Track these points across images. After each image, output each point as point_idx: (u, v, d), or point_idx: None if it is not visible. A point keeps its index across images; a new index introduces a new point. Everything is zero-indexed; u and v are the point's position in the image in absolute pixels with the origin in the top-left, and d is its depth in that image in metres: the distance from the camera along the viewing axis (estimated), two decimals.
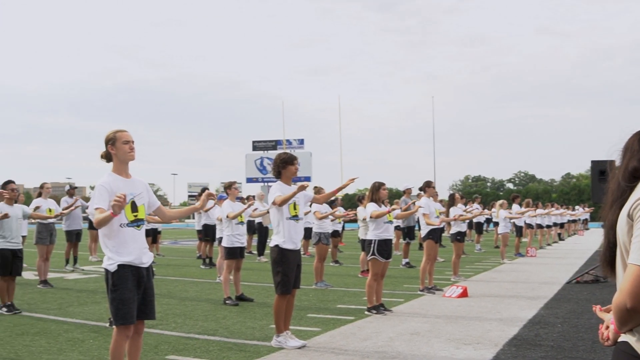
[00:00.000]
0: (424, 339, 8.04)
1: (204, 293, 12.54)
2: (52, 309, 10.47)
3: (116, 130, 5.62)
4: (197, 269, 18.02)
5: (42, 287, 13.21)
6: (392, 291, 12.42)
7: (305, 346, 7.61)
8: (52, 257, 14.22)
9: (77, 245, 17.39)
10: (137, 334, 5.58)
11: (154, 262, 5.61)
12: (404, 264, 18.43)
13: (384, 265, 10.24)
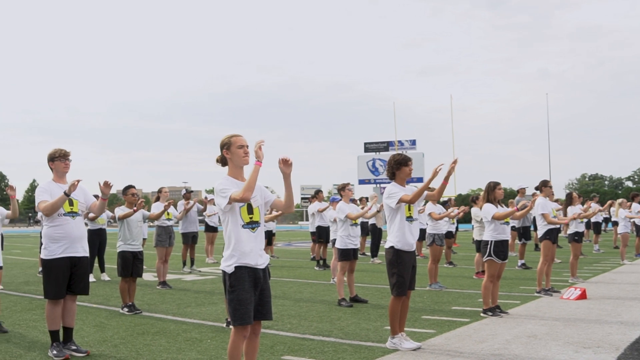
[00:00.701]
0: (542, 342, 7.81)
1: (318, 294, 12.58)
2: (171, 309, 10.71)
3: (231, 135, 5.68)
4: (311, 270, 18.11)
5: (161, 288, 13.54)
6: (508, 293, 12.15)
7: (420, 348, 7.52)
8: (170, 259, 14.55)
9: (194, 248, 17.79)
10: (254, 334, 5.62)
11: (269, 264, 5.64)
12: (519, 265, 18.00)
13: (501, 267, 10.02)
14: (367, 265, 19.50)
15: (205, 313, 10.27)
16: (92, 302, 11.35)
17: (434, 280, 13.38)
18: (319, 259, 18.79)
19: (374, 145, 67.89)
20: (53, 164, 7.58)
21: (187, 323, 9.39)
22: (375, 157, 67.18)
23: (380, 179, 65.12)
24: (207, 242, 21.32)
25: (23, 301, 11.83)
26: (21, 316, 10.07)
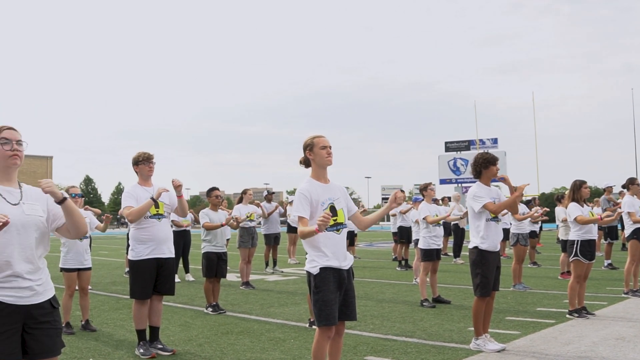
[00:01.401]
0: (630, 345, 7.59)
1: (400, 295, 12.51)
2: (254, 309, 10.81)
3: (314, 136, 5.68)
4: (393, 271, 18.03)
5: (245, 289, 13.67)
6: (594, 294, 11.86)
7: (505, 350, 7.40)
8: (253, 260, 14.69)
9: (277, 249, 17.92)
10: (338, 334, 5.61)
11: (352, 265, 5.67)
12: (606, 265, 17.57)
13: (587, 267, 9.79)
14: (450, 265, 19.31)
15: (288, 313, 10.32)
16: (177, 302, 11.53)
17: (518, 281, 13.16)
18: (401, 260, 18.70)
19: (455, 144, 67.25)
20: (138, 168, 7.72)
21: (270, 323, 9.46)
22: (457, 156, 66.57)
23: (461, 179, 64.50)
24: (289, 243, 21.46)
25: (110, 301, 12.11)
26: (109, 315, 10.30)
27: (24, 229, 3.72)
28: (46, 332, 3.79)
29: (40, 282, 3.81)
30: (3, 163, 3.89)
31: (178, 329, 9.01)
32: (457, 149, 67.15)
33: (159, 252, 7.47)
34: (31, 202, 3.89)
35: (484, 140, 64.97)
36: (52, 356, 3.83)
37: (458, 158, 66.36)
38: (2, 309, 3.64)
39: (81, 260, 9.00)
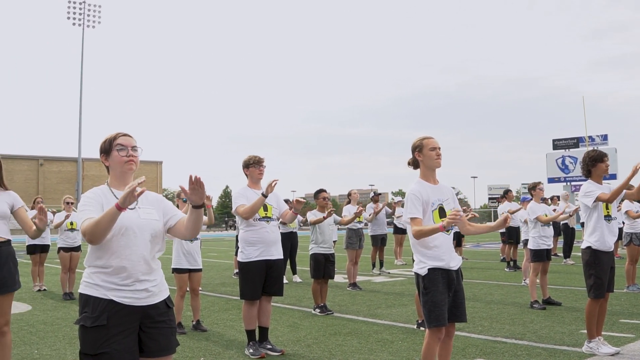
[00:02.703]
0: None
1: (509, 296, 12.31)
2: (362, 310, 10.82)
3: (423, 137, 5.65)
4: (501, 271, 17.75)
5: (352, 290, 13.71)
6: None
7: (619, 353, 7.19)
8: (360, 261, 14.70)
9: (383, 250, 17.91)
10: (448, 336, 5.56)
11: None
12: None
13: None
14: (560, 266, 18.87)
15: (396, 314, 10.30)
16: (286, 303, 11.66)
17: (632, 282, 12.75)
18: (509, 260, 18.39)
19: (563, 142, 65.63)
20: (248, 171, 7.85)
21: (378, 324, 9.45)
22: (565, 154, 64.95)
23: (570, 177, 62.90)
24: (395, 244, 21.41)
25: (220, 301, 12.33)
26: (219, 316, 10.50)
27: (140, 232, 3.84)
28: (162, 331, 3.90)
29: (156, 283, 3.92)
30: (119, 169, 4.03)
31: (286, 330, 9.11)
32: (565, 146, 65.55)
33: (268, 254, 7.56)
34: (146, 206, 4.00)
35: (593, 137, 63.14)
36: (167, 354, 3.94)
37: (566, 156, 64.80)
38: (120, 310, 3.76)
39: (192, 261, 9.21)
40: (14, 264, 6.18)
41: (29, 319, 10.27)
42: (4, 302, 6.09)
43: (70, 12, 76.76)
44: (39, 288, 14.47)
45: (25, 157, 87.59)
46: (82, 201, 3.91)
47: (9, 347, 6.18)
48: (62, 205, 13.45)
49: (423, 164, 5.60)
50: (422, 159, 5.58)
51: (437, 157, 5.56)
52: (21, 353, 7.74)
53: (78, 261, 13.53)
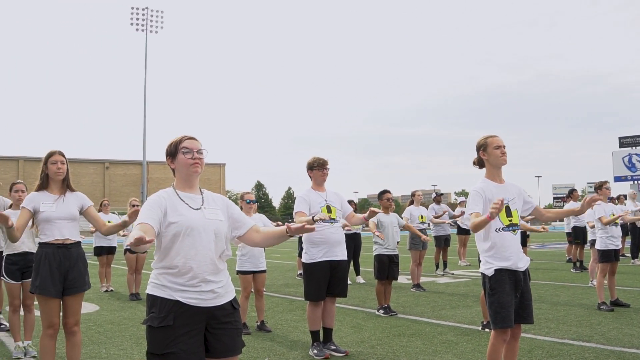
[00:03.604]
0: None
1: (576, 297, 12.11)
2: (426, 311, 10.78)
3: (487, 136, 5.63)
4: (567, 272, 17.47)
5: (415, 291, 13.66)
6: None
7: None
8: (423, 262, 14.65)
9: (447, 250, 17.81)
10: (514, 338, 5.52)
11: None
12: None
13: None
14: (628, 267, 18.51)
15: (460, 315, 10.23)
16: (349, 304, 11.67)
17: None
18: (576, 261, 18.09)
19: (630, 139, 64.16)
20: (312, 173, 7.88)
21: (442, 325, 9.41)
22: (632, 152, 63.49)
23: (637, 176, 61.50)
24: (459, 244, 21.24)
25: (284, 302, 12.41)
26: (283, 317, 10.57)
27: (205, 233, 3.89)
28: (228, 332, 3.95)
29: (222, 284, 3.97)
30: (185, 171, 4.09)
31: (350, 331, 9.13)
32: (632, 144, 64.04)
33: (332, 255, 7.59)
34: (212, 207, 4.06)
35: None
36: (233, 355, 3.99)
37: (633, 154, 63.28)
38: (186, 310, 3.82)
39: (257, 263, 9.30)
40: (84, 265, 6.33)
41: (97, 319, 10.49)
42: (75, 302, 6.23)
43: (133, 19, 78.19)
44: (106, 289, 14.76)
45: (92, 160, 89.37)
46: (145, 203, 4.00)
47: (78, 345, 6.33)
48: (128, 208, 13.67)
49: (488, 162, 5.58)
50: (487, 157, 5.56)
51: (502, 155, 5.53)
52: (90, 352, 7.91)
53: (144, 262, 13.76)
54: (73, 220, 6.26)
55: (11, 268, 7.82)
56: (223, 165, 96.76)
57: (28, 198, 6.22)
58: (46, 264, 6.04)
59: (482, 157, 5.61)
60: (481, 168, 5.68)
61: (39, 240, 6.24)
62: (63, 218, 6.16)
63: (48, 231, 6.10)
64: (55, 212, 6.13)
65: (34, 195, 6.22)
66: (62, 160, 6.28)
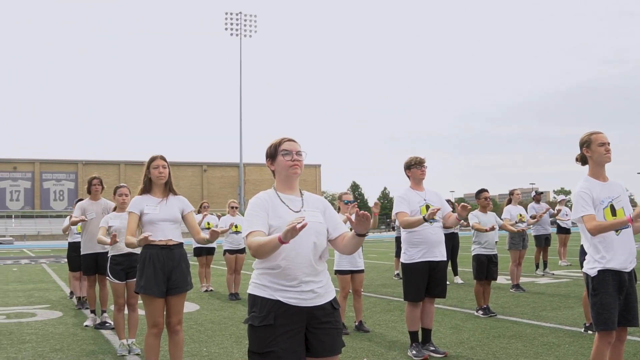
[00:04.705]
0: None
1: None
2: (526, 312, 10.60)
3: (591, 133, 5.50)
4: None
5: (515, 291, 13.45)
6: None
7: None
8: (523, 262, 14.40)
9: (547, 250, 17.45)
10: (620, 341, 5.37)
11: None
12: None
13: None
14: None
15: (562, 317, 10.02)
16: (448, 304, 11.57)
17: None
18: None
19: None
20: (410, 172, 7.85)
21: (543, 327, 9.24)
22: None
23: None
24: (559, 244, 20.79)
25: (381, 302, 12.41)
26: (380, 317, 10.57)
27: (305, 234, 3.92)
28: (327, 331, 3.98)
29: (321, 284, 4.00)
30: (285, 173, 4.14)
31: (449, 332, 9.06)
32: None
33: (431, 255, 7.55)
34: (312, 209, 4.10)
35: None
36: (333, 355, 4.01)
37: None
38: (286, 310, 3.87)
39: (355, 263, 9.32)
40: (186, 265, 6.48)
41: (198, 318, 10.71)
42: (177, 302, 6.39)
43: (227, 24, 79.82)
44: (206, 289, 15.04)
45: (190, 163, 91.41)
46: (249, 208, 4.06)
47: (181, 344, 6.48)
48: (227, 209, 13.94)
49: (592, 160, 5.44)
50: (591, 154, 5.42)
51: (606, 153, 5.38)
52: (191, 350, 8.09)
53: (243, 263, 13.97)
54: (175, 222, 6.42)
55: (116, 268, 8.08)
56: (318, 166, 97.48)
57: (133, 202, 6.41)
58: (150, 265, 6.21)
59: (585, 154, 5.47)
60: (584, 165, 5.54)
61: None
62: (166, 220, 6.33)
63: (152, 232, 6.27)
64: (159, 214, 6.30)
65: (138, 198, 6.42)
66: (163, 164, 6.46)
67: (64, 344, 8.75)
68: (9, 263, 28.66)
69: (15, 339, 9.10)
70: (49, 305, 12.98)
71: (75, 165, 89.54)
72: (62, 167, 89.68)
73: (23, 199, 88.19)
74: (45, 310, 12.11)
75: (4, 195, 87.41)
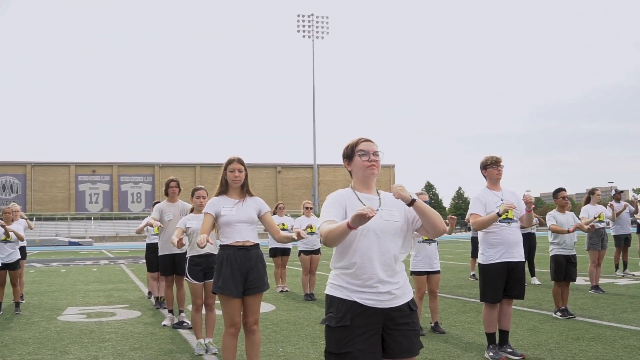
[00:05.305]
0: None
1: None
2: (605, 314, 10.39)
3: None
4: None
5: (594, 293, 13.19)
6: None
7: None
8: (602, 263, 14.12)
9: (627, 251, 17.07)
10: None
11: None
12: None
13: None
14: None
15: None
16: (525, 305, 11.41)
17: None
18: None
19: None
20: (486, 172, 7.77)
21: (624, 329, 9.03)
22: None
23: None
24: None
25: (457, 304, 12.32)
26: (456, 318, 10.49)
27: (382, 234, 3.93)
28: (405, 333, 3.97)
29: (398, 285, 3.99)
30: (361, 173, 4.14)
31: (527, 333, 8.94)
32: None
33: (509, 256, 7.47)
34: (389, 208, 4.08)
35: None
36: (410, 356, 3.99)
37: None
38: (363, 311, 3.87)
39: (431, 263, 9.29)
40: (263, 266, 6.55)
41: (274, 319, 10.80)
42: (254, 302, 6.47)
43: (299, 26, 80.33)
44: (282, 289, 15.15)
45: (265, 165, 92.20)
46: (326, 202, 4.10)
47: (258, 344, 6.56)
48: (302, 210, 14.03)
49: None
50: None
51: None
52: (267, 350, 8.16)
53: (318, 263, 14.04)
54: (252, 223, 6.49)
55: (194, 269, 8.22)
56: (392, 166, 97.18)
57: (209, 203, 6.51)
58: (228, 266, 6.30)
59: None
60: None
61: (219, 243, 6.52)
62: (242, 221, 6.41)
63: (229, 234, 6.36)
64: (235, 215, 6.39)
65: (215, 200, 6.51)
66: (239, 167, 6.54)
67: (142, 342, 8.95)
68: (89, 264, 29.38)
69: (96, 338, 9.34)
70: (128, 305, 13.27)
71: (152, 168, 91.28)
72: (139, 170, 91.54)
73: (102, 202, 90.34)
74: (124, 310, 12.40)
75: (83, 198, 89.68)
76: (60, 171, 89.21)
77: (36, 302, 14.06)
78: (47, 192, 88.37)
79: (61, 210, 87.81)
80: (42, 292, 16.28)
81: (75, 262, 30.67)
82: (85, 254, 41.99)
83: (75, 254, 42.15)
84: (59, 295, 15.48)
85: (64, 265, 28.14)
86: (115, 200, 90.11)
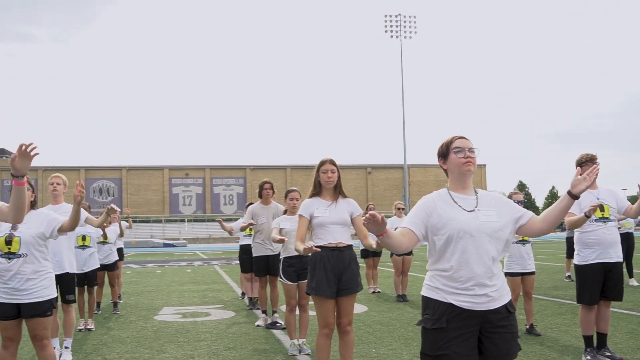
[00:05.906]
0: None
1: None
2: None
3: None
4: None
5: None
6: None
7: None
8: None
9: None
10: None
11: None
12: None
13: None
14: None
15: None
16: (623, 307, 11.14)
17: None
18: None
19: None
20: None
21: None
22: None
23: None
24: None
25: (553, 305, 12.10)
26: (552, 320, 10.30)
27: (479, 235, 3.87)
28: (502, 335, 3.91)
29: (496, 288, 3.93)
30: (457, 170, 4.10)
31: (625, 337, 8.73)
32: None
33: (606, 257, 7.30)
34: (486, 208, 4.02)
35: None
36: (508, 359, 3.95)
37: None
38: (459, 313, 3.84)
39: (525, 264, 9.16)
40: (356, 267, 6.57)
41: (366, 319, 10.81)
42: (348, 302, 6.49)
43: (387, 26, 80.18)
44: (374, 290, 15.16)
45: (355, 166, 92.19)
46: (415, 206, 4.09)
47: (351, 345, 6.58)
48: (394, 211, 14.00)
49: None
50: None
51: None
52: (360, 351, 8.18)
53: (410, 264, 13.99)
54: (345, 225, 6.52)
55: (288, 270, 8.31)
56: (484, 166, 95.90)
57: (303, 205, 6.57)
58: (321, 267, 6.34)
59: None
60: None
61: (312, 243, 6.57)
62: (336, 223, 6.44)
63: (322, 235, 6.41)
64: (329, 217, 6.43)
65: (308, 202, 6.57)
66: (332, 169, 6.57)
67: (237, 342, 9.09)
68: (184, 265, 29.95)
69: (191, 337, 9.54)
70: (222, 305, 13.49)
71: (244, 171, 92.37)
72: (231, 173, 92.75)
73: (195, 204, 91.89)
74: (218, 310, 12.61)
75: (177, 201, 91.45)
76: (155, 175, 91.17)
77: (133, 302, 14.44)
78: (142, 195, 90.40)
79: (156, 212, 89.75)
80: (139, 292, 16.71)
81: (170, 263, 31.30)
82: (180, 255, 42.83)
83: (170, 255, 43.01)
84: (155, 295, 15.87)
85: (159, 267, 28.77)
86: (207, 203, 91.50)
